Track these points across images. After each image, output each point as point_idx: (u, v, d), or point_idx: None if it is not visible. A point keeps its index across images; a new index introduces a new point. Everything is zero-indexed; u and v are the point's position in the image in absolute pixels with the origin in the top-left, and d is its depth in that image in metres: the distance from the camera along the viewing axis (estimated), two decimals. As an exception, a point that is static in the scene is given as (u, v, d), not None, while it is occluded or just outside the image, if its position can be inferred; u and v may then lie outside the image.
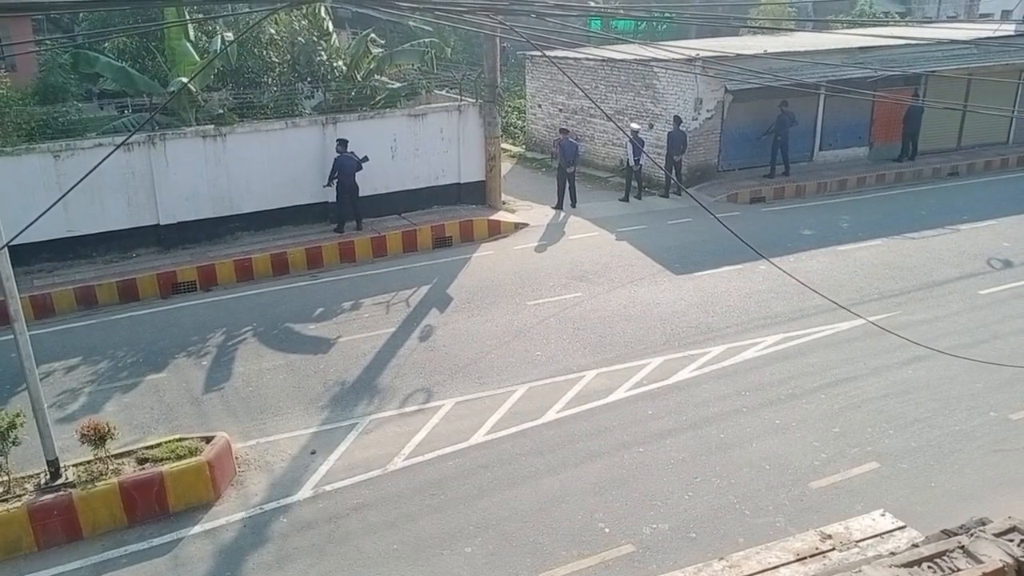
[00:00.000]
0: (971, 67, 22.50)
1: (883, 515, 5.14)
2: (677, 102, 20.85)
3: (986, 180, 22.43)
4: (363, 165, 16.70)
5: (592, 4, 32.73)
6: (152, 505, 8.64)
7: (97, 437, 8.57)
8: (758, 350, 12.29)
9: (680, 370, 11.72)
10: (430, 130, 18.11)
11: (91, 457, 8.75)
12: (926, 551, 4.00)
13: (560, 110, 24.65)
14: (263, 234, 16.78)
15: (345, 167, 16.51)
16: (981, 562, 3.86)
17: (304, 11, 19.01)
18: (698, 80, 20.11)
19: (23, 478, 8.62)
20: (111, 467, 8.71)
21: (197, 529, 8.55)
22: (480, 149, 18.69)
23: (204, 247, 16.14)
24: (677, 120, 20.12)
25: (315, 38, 19.16)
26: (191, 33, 17.50)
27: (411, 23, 24.02)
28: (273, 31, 19.05)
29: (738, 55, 20.69)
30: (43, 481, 8.53)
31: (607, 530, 8.45)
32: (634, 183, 20.41)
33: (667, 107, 21.06)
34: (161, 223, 15.96)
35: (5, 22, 23.54)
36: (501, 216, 18.45)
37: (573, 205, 19.62)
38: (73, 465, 8.77)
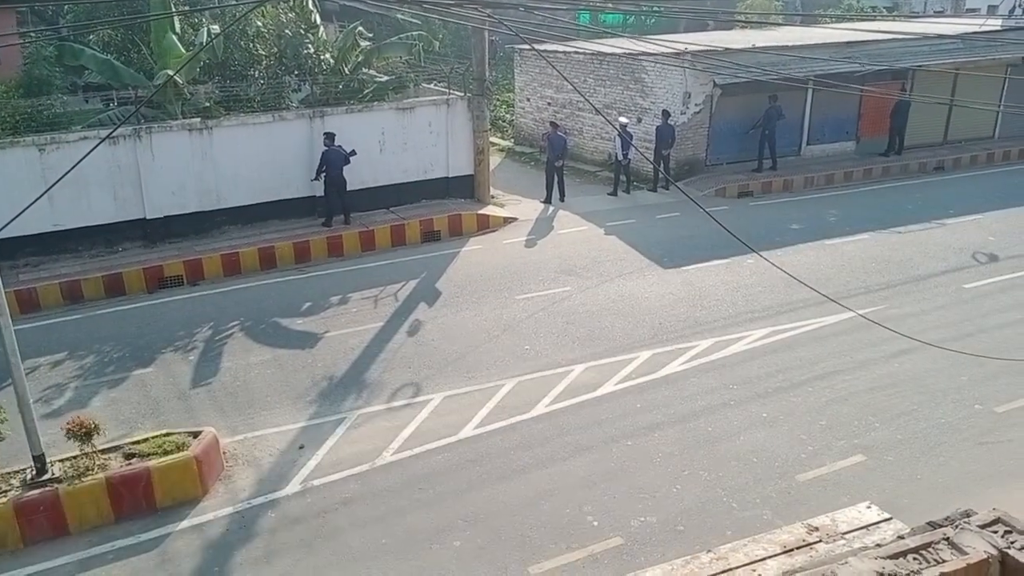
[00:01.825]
0: (958, 62, 22.60)
1: (869, 507, 5.16)
2: (665, 96, 20.86)
3: (972, 175, 22.56)
4: (351, 159, 16.63)
5: (581, -2, 32.65)
6: (139, 500, 8.60)
7: (83, 432, 8.52)
8: (746, 344, 12.33)
9: (668, 364, 11.75)
10: (418, 124, 18.05)
11: (77, 452, 8.70)
12: (912, 543, 4.02)
13: (549, 104, 24.62)
14: (250, 228, 16.70)
15: (333, 161, 16.44)
16: (966, 553, 3.89)
17: (291, 3, 18.91)
18: (686, 74, 20.11)
19: (9, 474, 8.56)
20: (98, 462, 8.66)
21: (184, 524, 8.52)
22: (468, 143, 18.64)
23: (191, 241, 16.05)
24: (665, 114, 20.14)
25: (302, 31, 19.05)
26: (177, 25, 17.37)
27: (399, 16, 23.88)
28: (260, 24, 18.92)
29: (727, 49, 20.71)
30: (29, 477, 8.48)
31: (596, 523, 8.47)
32: (622, 177, 20.41)
33: (655, 101, 21.07)
34: (147, 217, 15.85)
35: (-12, 14, 23.27)
36: (490, 210, 18.43)
37: (562, 199, 19.62)
38: (59, 460, 8.71)
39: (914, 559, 3.91)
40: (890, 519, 5.00)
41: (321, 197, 17.00)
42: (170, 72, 15.65)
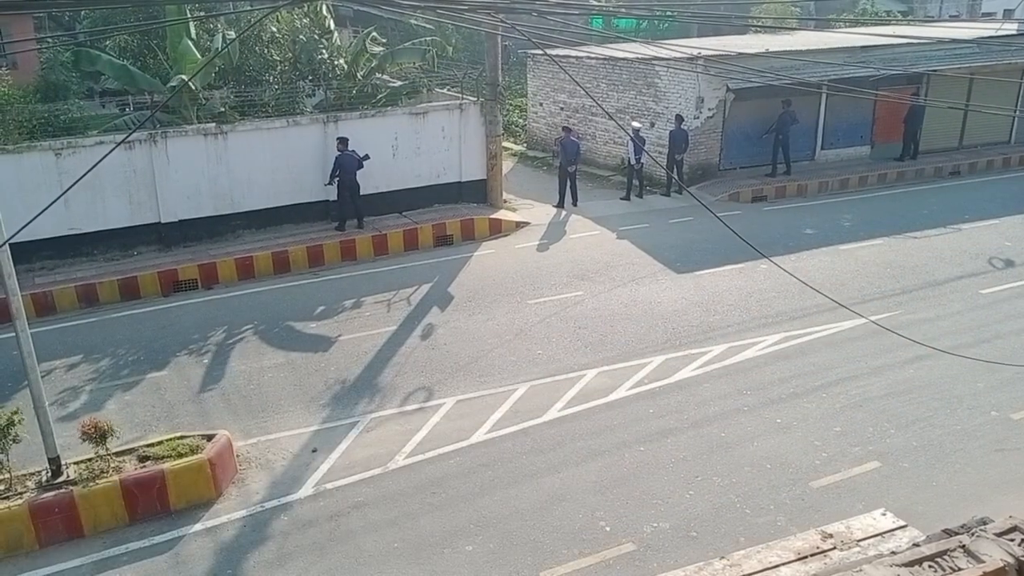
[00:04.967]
0: (973, 66, 22.47)
1: (884, 514, 5.13)
2: (679, 101, 20.84)
3: (988, 179, 22.40)
4: (364, 163, 16.70)
5: (594, 2, 32.70)
6: (153, 503, 8.64)
7: (98, 435, 8.57)
8: (759, 349, 12.28)
9: (681, 369, 11.72)
10: (431, 128, 18.10)
11: (92, 455, 8.75)
12: (927, 550, 3.99)
13: (561, 108, 24.64)
14: (264, 232, 16.78)
15: (346, 165, 16.51)
16: (982, 561, 3.86)
17: (305, 9, 19.00)
18: (700, 79, 20.09)
19: (24, 476, 8.63)
20: (112, 465, 8.71)
21: (198, 527, 8.56)
22: (481, 147, 18.68)
23: (205, 245, 16.15)
24: (679, 119, 20.11)
25: (316, 36, 19.16)
26: (192, 31, 17.51)
27: (412, 21, 24.02)
28: (274, 29, 19.05)
29: (740, 54, 20.68)
30: (44, 479, 8.54)
31: (608, 528, 8.45)
32: (635, 182, 20.40)
33: (669, 106, 21.05)
34: (162, 221, 15.96)
35: (6, 20, 23.55)
36: (502, 215, 18.45)
37: (574, 204, 19.61)
38: (74, 463, 8.78)
39: (929, 567, 3.88)
40: (905, 526, 4.97)
41: (334, 201, 17.06)
42: (185, 77, 15.76)
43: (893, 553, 4.27)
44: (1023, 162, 23.60)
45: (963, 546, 3.99)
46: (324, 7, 19.29)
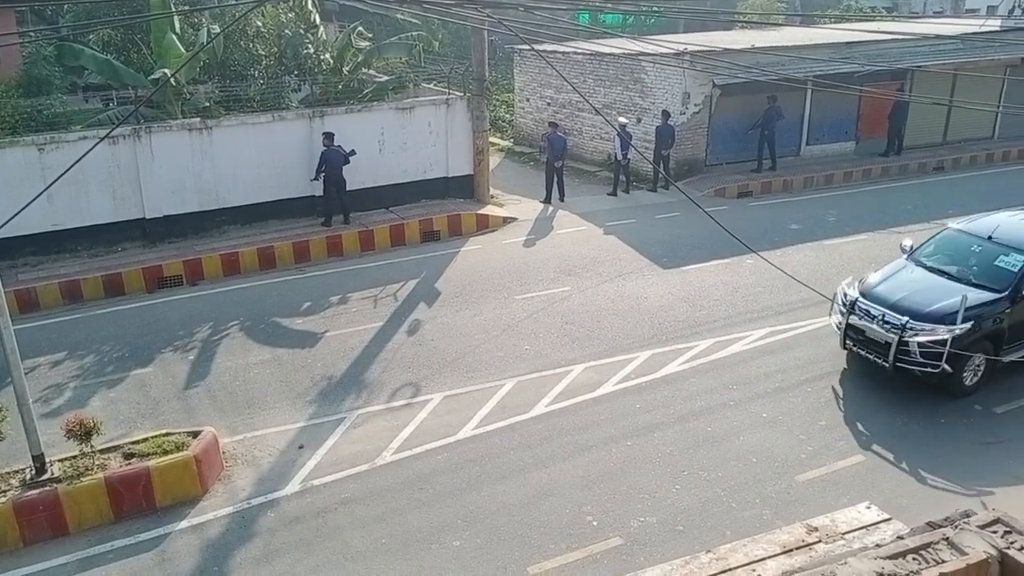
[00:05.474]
0: (957, 62, 22.61)
1: (869, 508, 5.16)
2: (665, 96, 20.87)
3: (971, 175, 22.58)
4: (350, 159, 16.64)
5: (580, -2, 32.64)
6: (138, 500, 8.60)
7: (83, 432, 8.54)
8: (745, 344, 12.33)
9: (668, 364, 11.76)
10: (418, 124, 18.04)
11: (77, 452, 8.71)
12: (911, 543, 4.02)
13: (548, 104, 24.62)
14: (250, 228, 16.69)
15: (332, 161, 16.44)
16: (965, 554, 3.88)
17: (291, 3, 18.90)
18: (686, 74, 20.11)
19: (8, 473, 8.56)
20: (97, 462, 8.66)
21: (184, 524, 8.52)
22: (468, 143, 18.63)
23: (190, 241, 16.05)
24: (665, 114, 20.14)
25: (302, 31, 19.04)
26: (177, 25, 17.36)
27: (399, 16, 23.89)
28: (260, 23, 18.92)
29: (726, 50, 20.71)
30: (28, 476, 8.48)
31: (595, 523, 8.47)
32: (622, 177, 20.41)
33: (655, 101, 21.08)
34: (147, 217, 15.84)
35: (-12, 13, 23.24)
36: (489, 210, 18.42)
37: (561, 199, 19.61)
38: (59, 460, 8.72)
39: (913, 559, 3.91)
40: (890, 519, 5.00)
41: (320, 197, 16.99)
42: (168, 71, 15.64)
43: (878, 546, 4.30)
44: (1006, 158, 23.79)
45: (947, 538, 4.02)
46: (309, 1, 19.18)
